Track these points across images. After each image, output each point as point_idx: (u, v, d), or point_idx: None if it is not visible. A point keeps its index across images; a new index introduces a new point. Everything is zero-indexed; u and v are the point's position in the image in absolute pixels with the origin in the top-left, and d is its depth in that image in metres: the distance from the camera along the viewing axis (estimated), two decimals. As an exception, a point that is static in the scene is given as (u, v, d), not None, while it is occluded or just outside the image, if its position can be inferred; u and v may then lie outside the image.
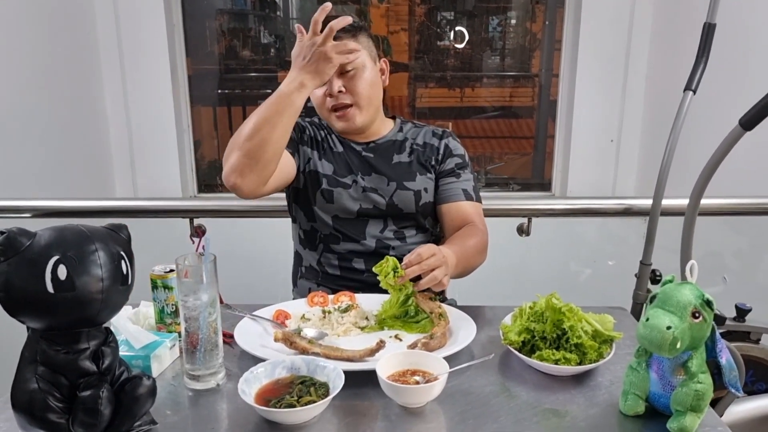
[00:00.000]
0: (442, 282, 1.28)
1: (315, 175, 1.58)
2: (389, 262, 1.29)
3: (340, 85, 1.51)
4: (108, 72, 3.08)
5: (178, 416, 1.01)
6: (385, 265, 1.29)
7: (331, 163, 1.59)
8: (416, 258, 1.27)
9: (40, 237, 0.82)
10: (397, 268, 1.27)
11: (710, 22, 1.65)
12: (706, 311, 0.91)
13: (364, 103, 1.55)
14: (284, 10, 3.64)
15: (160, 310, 1.21)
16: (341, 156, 1.61)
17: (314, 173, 1.58)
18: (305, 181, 1.59)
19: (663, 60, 3.01)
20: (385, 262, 1.30)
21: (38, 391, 0.84)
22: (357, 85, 1.53)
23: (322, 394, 1.00)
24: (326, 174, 1.58)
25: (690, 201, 1.58)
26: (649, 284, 1.79)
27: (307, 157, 1.59)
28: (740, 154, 1.50)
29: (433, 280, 1.26)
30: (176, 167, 3.25)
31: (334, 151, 1.61)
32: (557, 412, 1.02)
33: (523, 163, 3.95)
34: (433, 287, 1.29)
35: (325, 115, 1.58)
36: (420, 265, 1.26)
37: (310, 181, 1.58)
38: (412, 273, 1.26)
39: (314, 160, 1.59)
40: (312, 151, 1.60)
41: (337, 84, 1.51)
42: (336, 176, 1.57)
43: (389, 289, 1.32)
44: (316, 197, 1.57)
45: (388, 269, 1.28)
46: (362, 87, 1.53)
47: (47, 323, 0.84)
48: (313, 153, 1.60)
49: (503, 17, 3.63)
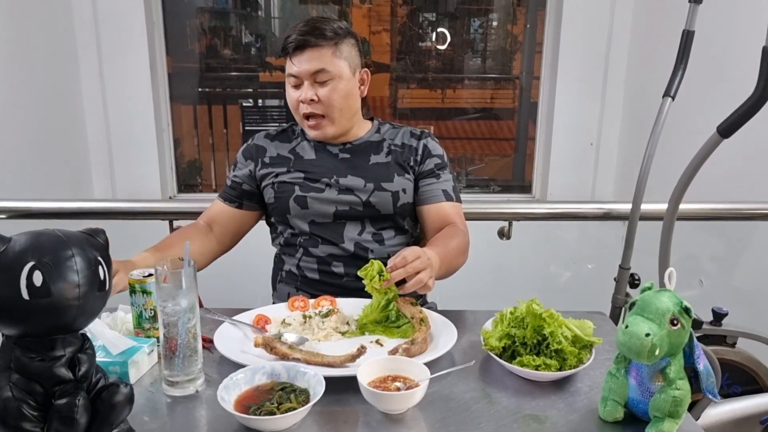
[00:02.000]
0: (427, 285, 1.26)
1: (285, 185, 1.57)
2: (374, 266, 1.26)
3: (313, 94, 1.50)
4: (86, 69, 3.03)
5: (156, 423, 1.00)
6: (370, 268, 1.26)
7: (301, 171, 1.58)
8: (401, 261, 1.25)
9: (14, 242, 0.80)
10: (382, 272, 1.25)
11: (689, 29, 1.68)
12: (684, 318, 0.92)
13: (336, 115, 1.54)
14: (266, 9, 3.63)
15: (138, 315, 1.20)
16: (313, 162, 1.59)
17: (284, 184, 1.57)
18: (275, 194, 1.58)
19: (642, 65, 3.05)
20: (370, 266, 1.26)
21: (12, 399, 0.82)
22: (330, 97, 1.51)
23: (303, 400, 0.99)
24: (297, 182, 1.57)
25: (668, 207, 1.60)
26: (627, 288, 1.81)
27: (274, 173, 1.59)
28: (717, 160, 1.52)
29: (419, 284, 1.24)
30: (156, 167, 3.22)
31: (305, 160, 1.60)
32: (537, 417, 1.02)
33: (503, 164, 3.97)
34: (418, 290, 1.27)
35: (299, 118, 1.57)
36: (405, 269, 1.24)
37: (282, 192, 1.57)
38: (397, 276, 1.24)
39: (282, 173, 1.59)
40: (276, 168, 1.60)
41: (310, 92, 1.50)
42: (308, 182, 1.57)
43: (373, 293, 1.30)
44: (290, 205, 1.56)
45: (373, 273, 1.25)
46: (335, 99, 1.51)
47: (22, 330, 0.82)
48: (278, 168, 1.60)
49: (485, 19, 3.65)
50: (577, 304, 1.38)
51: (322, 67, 1.48)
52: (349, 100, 1.54)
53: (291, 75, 1.51)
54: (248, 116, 3.85)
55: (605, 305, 1.83)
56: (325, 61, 1.48)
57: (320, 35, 1.48)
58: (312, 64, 1.48)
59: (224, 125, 3.74)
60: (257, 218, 1.67)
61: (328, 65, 1.48)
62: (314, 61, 1.48)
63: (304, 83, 1.50)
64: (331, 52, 1.49)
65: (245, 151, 1.66)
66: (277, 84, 3.67)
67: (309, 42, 1.47)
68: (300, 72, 1.49)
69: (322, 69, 1.48)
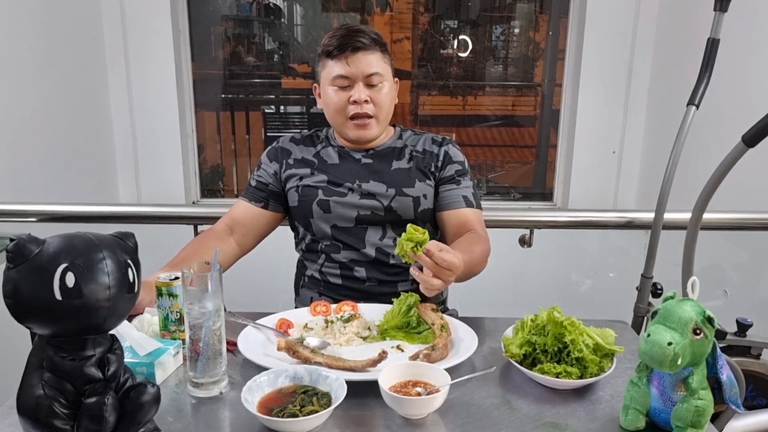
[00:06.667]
0: (431, 288, 1.23)
1: (309, 189, 1.60)
2: (419, 234, 1.22)
3: (367, 94, 1.54)
4: (114, 77, 3.10)
5: (180, 423, 1.02)
6: (415, 233, 1.22)
7: (325, 174, 1.61)
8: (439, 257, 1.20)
9: (48, 244, 0.83)
10: (420, 245, 1.20)
11: (714, 37, 1.67)
12: (707, 328, 0.91)
13: (383, 116, 1.59)
14: (288, 17, 3.67)
15: (165, 318, 1.22)
16: (336, 167, 1.62)
17: (308, 187, 1.60)
18: (299, 197, 1.60)
19: (666, 73, 3.02)
20: (416, 231, 1.22)
21: (44, 397, 0.84)
22: (381, 99, 1.56)
23: (325, 404, 1.00)
24: (321, 185, 1.59)
25: (692, 216, 1.59)
26: (650, 297, 1.80)
27: (298, 176, 1.62)
28: (742, 169, 1.51)
29: (428, 285, 1.22)
30: (180, 172, 3.27)
31: (329, 164, 1.63)
32: (558, 425, 1.02)
33: (524, 172, 3.96)
34: (421, 289, 1.25)
35: (340, 121, 1.59)
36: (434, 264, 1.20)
37: (305, 195, 1.60)
38: (425, 263, 1.20)
39: (306, 175, 1.62)
40: (301, 169, 1.63)
41: (365, 93, 1.54)
42: (330, 186, 1.59)
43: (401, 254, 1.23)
44: (313, 209, 1.58)
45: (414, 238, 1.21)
46: (385, 101, 1.57)
47: (54, 330, 0.84)
48: (302, 171, 1.63)
49: (507, 26, 3.65)
50: (599, 313, 1.38)
51: (376, 69, 1.54)
52: (392, 104, 1.62)
53: (341, 77, 1.54)
54: (270, 122, 3.90)
55: (627, 315, 1.81)
56: (378, 65, 1.55)
57: (372, 39, 1.54)
58: (368, 66, 1.53)
59: (246, 131, 3.79)
60: (279, 221, 1.69)
61: (380, 68, 1.55)
62: (370, 64, 1.53)
63: (356, 85, 1.54)
64: (380, 56, 1.56)
65: (270, 153, 1.69)
66: (299, 91, 3.70)
67: (363, 44, 1.52)
68: (354, 73, 1.53)
69: (376, 72, 1.54)
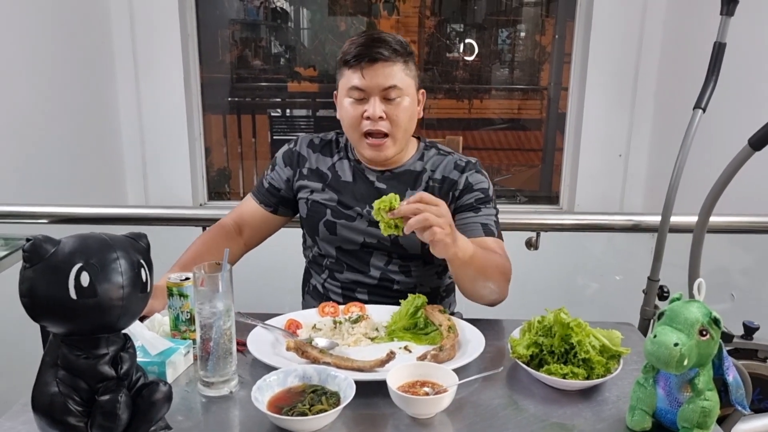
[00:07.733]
0: (433, 230, 1.16)
1: (318, 205, 1.53)
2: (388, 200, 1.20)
3: (383, 110, 1.41)
4: (122, 80, 3.12)
5: (191, 422, 1.03)
6: (386, 200, 1.20)
7: (335, 193, 1.52)
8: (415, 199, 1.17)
9: (64, 244, 0.85)
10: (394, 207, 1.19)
11: (720, 41, 1.67)
12: (714, 329, 0.92)
13: (400, 135, 1.45)
14: (295, 21, 3.69)
15: (175, 318, 1.23)
16: (348, 186, 1.53)
17: (317, 204, 1.54)
18: (308, 211, 1.55)
19: (672, 77, 3.03)
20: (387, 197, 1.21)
21: (58, 395, 0.86)
22: (398, 115, 1.42)
23: (334, 403, 1.01)
24: (329, 205, 1.52)
25: (699, 219, 1.60)
26: (656, 300, 1.80)
27: (309, 189, 1.56)
28: (748, 172, 1.51)
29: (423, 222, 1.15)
30: (187, 175, 3.29)
31: (341, 181, 1.54)
32: (564, 426, 1.03)
33: (530, 175, 3.96)
34: (423, 235, 1.18)
35: (355, 137, 1.47)
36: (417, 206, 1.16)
37: (314, 211, 1.54)
38: (405, 211, 1.17)
39: (317, 190, 1.55)
40: (313, 183, 1.56)
41: (380, 108, 1.41)
42: (340, 207, 1.51)
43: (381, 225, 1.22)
44: (319, 229, 1.53)
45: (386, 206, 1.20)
46: (402, 117, 1.43)
47: (69, 328, 0.86)
48: (314, 184, 1.55)
49: (513, 30, 3.66)
50: (605, 315, 1.38)
51: (394, 83, 1.40)
52: (412, 120, 1.47)
53: (356, 88, 1.41)
54: (276, 126, 3.91)
55: (633, 318, 1.82)
56: (397, 77, 1.41)
57: (393, 50, 1.40)
58: (385, 78, 1.40)
59: (253, 134, 3.81)
60: (286, 222, 1.65)
61: (399, 82, 1.41)
62: (387, 76, 1.40)
63: (372, 99, 1.41)
64: (402, 68, 1.42)
65: (285, 156, 1.60)
66: (305, 94, 3.72)
67: (382, 55, 1.39)
68: (369, 86, 1.40)
69: (394, 85, 1.40)
